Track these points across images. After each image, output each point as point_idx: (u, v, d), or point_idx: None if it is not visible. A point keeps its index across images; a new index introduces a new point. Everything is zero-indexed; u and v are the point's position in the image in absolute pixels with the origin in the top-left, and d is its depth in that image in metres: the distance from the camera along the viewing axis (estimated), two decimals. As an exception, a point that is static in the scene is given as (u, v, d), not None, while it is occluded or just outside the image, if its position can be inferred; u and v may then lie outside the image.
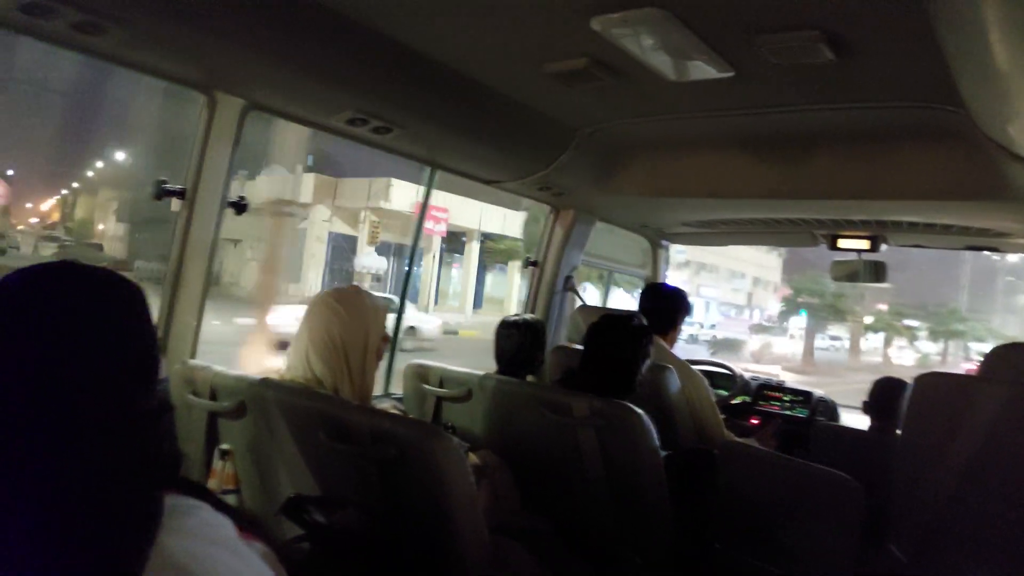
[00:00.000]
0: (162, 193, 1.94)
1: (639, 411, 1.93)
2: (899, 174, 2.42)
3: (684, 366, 2.69)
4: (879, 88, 1.94)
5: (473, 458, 2.13)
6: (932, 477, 1.96)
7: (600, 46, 1.75)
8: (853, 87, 1.95)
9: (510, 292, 23.60)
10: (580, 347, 2.36)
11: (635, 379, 2.20)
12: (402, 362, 2.69)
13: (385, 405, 2.14)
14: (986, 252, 3.82)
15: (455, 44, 1.91)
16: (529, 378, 2.56)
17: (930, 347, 40.16)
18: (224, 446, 1.79)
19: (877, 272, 3.69)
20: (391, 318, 2.83)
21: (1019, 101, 1.55)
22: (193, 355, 2.00)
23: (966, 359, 43.74)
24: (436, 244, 21.35)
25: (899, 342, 35.55)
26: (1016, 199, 2.27)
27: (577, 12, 1.61)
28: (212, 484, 1.75)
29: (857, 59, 1.72)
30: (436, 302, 22.11)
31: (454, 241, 23.16)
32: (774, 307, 36.58)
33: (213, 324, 2.34)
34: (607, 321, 2.27)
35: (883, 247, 3.42)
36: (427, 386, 2.46)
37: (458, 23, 1.78)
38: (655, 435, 1.93)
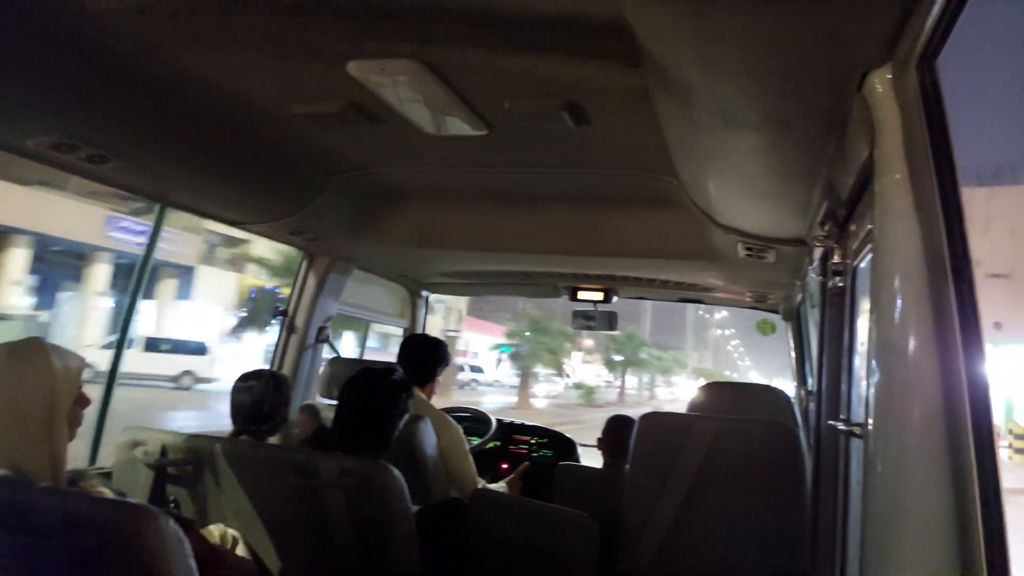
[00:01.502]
0: None
1: (392, 469, 1.87)
2: (627, 235, 2.71)
3: (440, 417, 2.69)
4: (611, 156, 2.17)
5: (213, 534, 1.89)
6: (658, 507, 2.16)
7: (357, 92, 1.72)
8: (590, 154, 2.15)
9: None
10: (333, 403, 2.24)
11: (392, 436, 2.13)
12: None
13: (89, 483, 1.81)
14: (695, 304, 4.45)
15: (195, 73, 1.74)
16: (272, 439, 2.37)
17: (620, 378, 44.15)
18: None
19: (610, 321, 4.11)
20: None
21: (719, 177, 1.82)
22: None
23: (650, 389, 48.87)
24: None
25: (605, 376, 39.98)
26: (718, 259, 2.67)
27: (333, 55, 1.56)
28: None
29: (593, 129, 1.89)
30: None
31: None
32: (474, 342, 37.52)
33: None
34: (364, 375, 2.19)
35: (615, 299, 3.81)
36: (144, 456, 2.14)
37: (199, 51, 1.63)
38: (407, 493, 1.88)
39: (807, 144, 1.48)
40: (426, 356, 2.87)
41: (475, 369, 35.12)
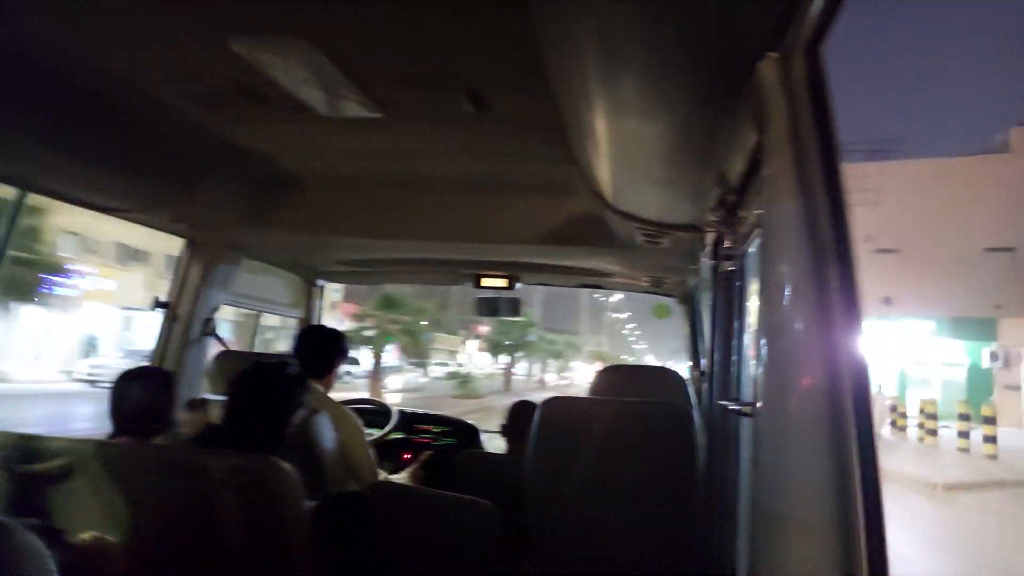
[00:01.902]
0: None
1: (285, 466, 1.78)
2: (529, 221, 2.72)
3: (338, 409, 2.61)
4: (511, 142, 2.15)
5: (88, 543, 1.74)
6: (560, 490, 2.18)
7: (242, 71, 1.61)
8: (490, 139, 2.12)
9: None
10: (222, 398, 2.11)
11: (286, 431, 2.04)
12: None
13: None
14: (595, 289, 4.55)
15: (59, 44, 1.57)
16: (159, 439, 2.21)
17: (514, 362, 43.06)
18: None
19: (514, 307, 4.13)
20: None
21: (616, 163, 1.84)
22: None
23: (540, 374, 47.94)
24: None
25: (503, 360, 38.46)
26: (617, 245, 2.72)
27: (215, 30, 1.45)
28: None
29: (493, 114, 1.87)
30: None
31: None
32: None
33: None
34: (256, 369, 2.07)
35: (518, 285, 3.82)
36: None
37: (62, 19, 1.47)
38: (300, 489, 1.80)
39: (700, 131, 1.51)
40: (323, 348, 2.77)
41: (351, 361, 33.88)
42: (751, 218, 1.53)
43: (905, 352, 28.11)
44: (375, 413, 3.65)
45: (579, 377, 50.76)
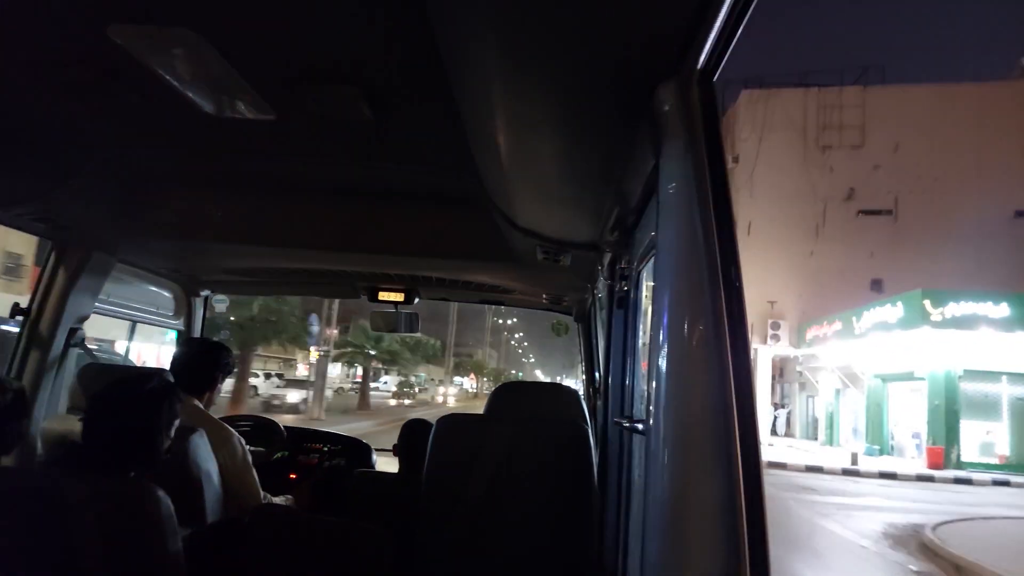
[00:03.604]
0: None
1: (155, 490, 1.64)
2: (428, 234, 2.67)
3: (218, 427, 2.45)
4: (412, 152, 2.11)
5: None
6: (455, 510, 2.14)
7: (119, 60, 1.48)
8: (389, 148, 2.07)
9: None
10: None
11: (157, 451, 1.88)
12: None
13: None
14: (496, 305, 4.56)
15: None
16: (6, 460, 1.98)
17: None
18: None
19: (411, 323, 4.05)
20: None
21: (516, 179, 1.84)
22: None
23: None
24: None
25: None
26: (518, 261, 2.72)
27: (90, 13, 1.33)
28: None
29: (393, 122, 1.82)
30: None
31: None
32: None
33: None
34: (119, 384, 1.90)
35: (417, 300, 3.76)
36: None
37: None
38: (172, 516, 1.66)
39: (600, 151, 1.54)
40: (203, 362, 2.60)
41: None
42: (646, 239, 1.56)
43: (951, 355, 19.21)
44: (261, 430, 3.47)
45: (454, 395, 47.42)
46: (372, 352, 31.34)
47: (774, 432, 29.53)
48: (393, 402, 37.05)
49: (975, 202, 24.61)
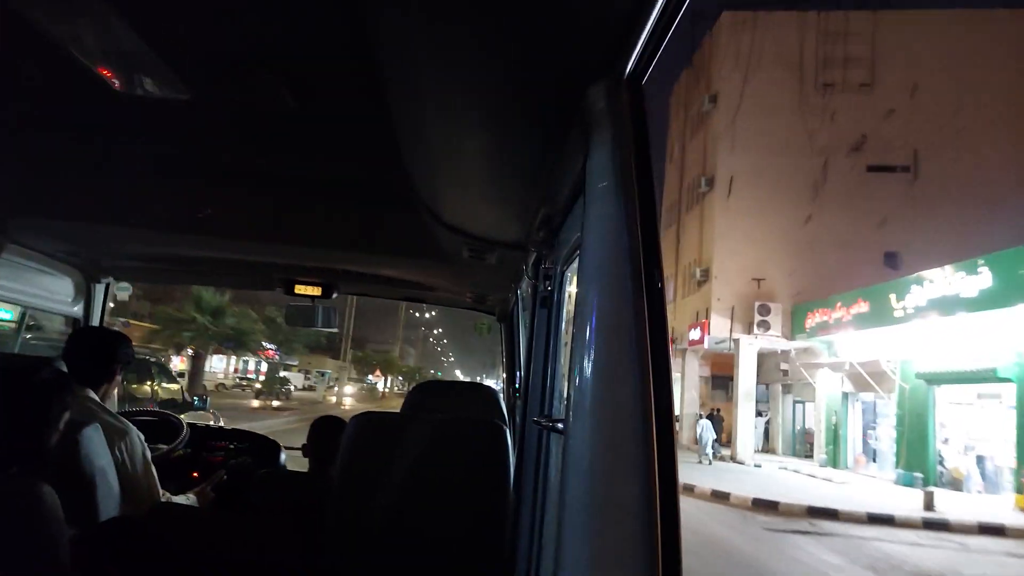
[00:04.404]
0: None
1: (41, 486, 1.52)
2: (350, 227, 2.60)
3: (115, 421, 2.31)
4: (336, 142, 2.03)
5: None
6: (367, 511, 2.09)
7: (12, 23, 1.36)
8: (313, 138, 1.99)
9: None
10: None
11: (43, 445, 1.74)
12: None
13: None
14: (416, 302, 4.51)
15: None
16: None
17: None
18: None
19: (329, 318, 3.94)
20: None
21: (444, 174, 1.82)
22: None
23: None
24: None
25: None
26: (443, 259, 2.69)
27: None
28: None
29: (318, 111, 1.75)
30: None
31: None
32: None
33: None
34: (2, 373, 1.76)
35: (335, 295, 3.65)
36: None
37: None
38: (59, 514, 1.55)
39: (528, 150, 1.54)
40: (100, 352, 2.45)
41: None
42: (572, 239, 1.57)
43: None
44: (162, 426, 3.29)
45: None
46: (210, 328, 23.90)
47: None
48: (256, 403, 28.57)
49: (1010, 156, 19.20)
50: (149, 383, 15.50)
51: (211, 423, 3.66)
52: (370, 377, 50.62)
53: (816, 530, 11.07)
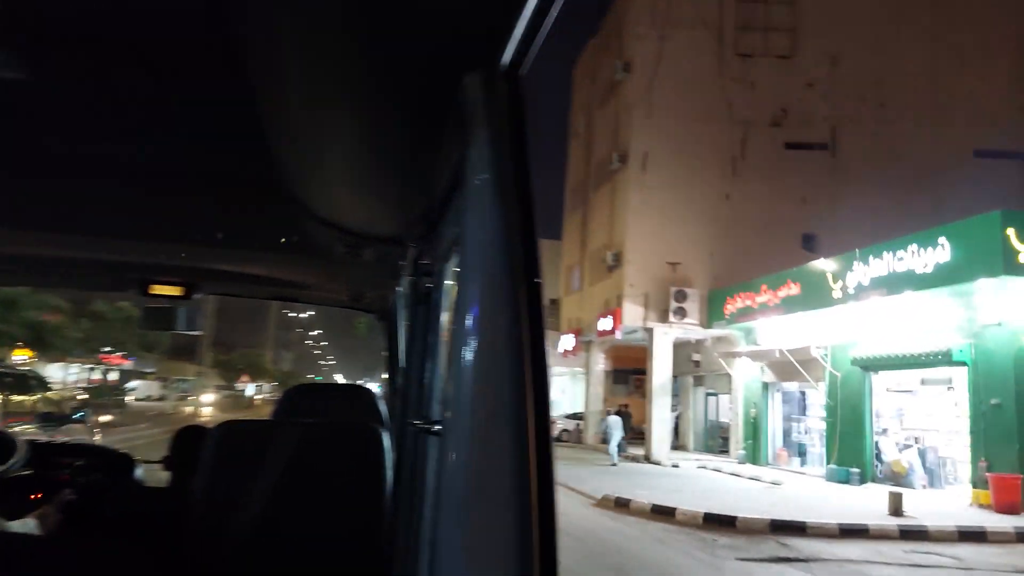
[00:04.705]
0: None
1: None
2: (212, 222, 2.41)
3: None
4: (196, 128, 1.85)
5: None
6: (233, 528, 1.95)
7: None
8: (168, 121, 1.81)
9: None
10: None
11: None
12: None
13: None
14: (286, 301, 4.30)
15: None
16: None
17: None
18: None
19: (191, 321, 3.66)
20: None
21: (315, 164, 1.72)
22: None
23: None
24: None
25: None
26: (315, 255, 2.56)
27: None
28: None
29: (175, 92, 1.60)
30: None
31: None
32: None
33: None
34: None
35: (198, 295, 3.39)
36: None
37: None
38: None
39: (405, 141, 1.49)
40: None
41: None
42: (451, 234, 1.54)
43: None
44: None
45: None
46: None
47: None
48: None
49: (929, 136, 19.02)
50: (28, 396, 14.07)
51: (84, 439, 3.30)
52: (239, 383, 46.77)
53: (794, 554, 9.44)
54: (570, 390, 33.89)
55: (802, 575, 8.56)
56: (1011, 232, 11.51)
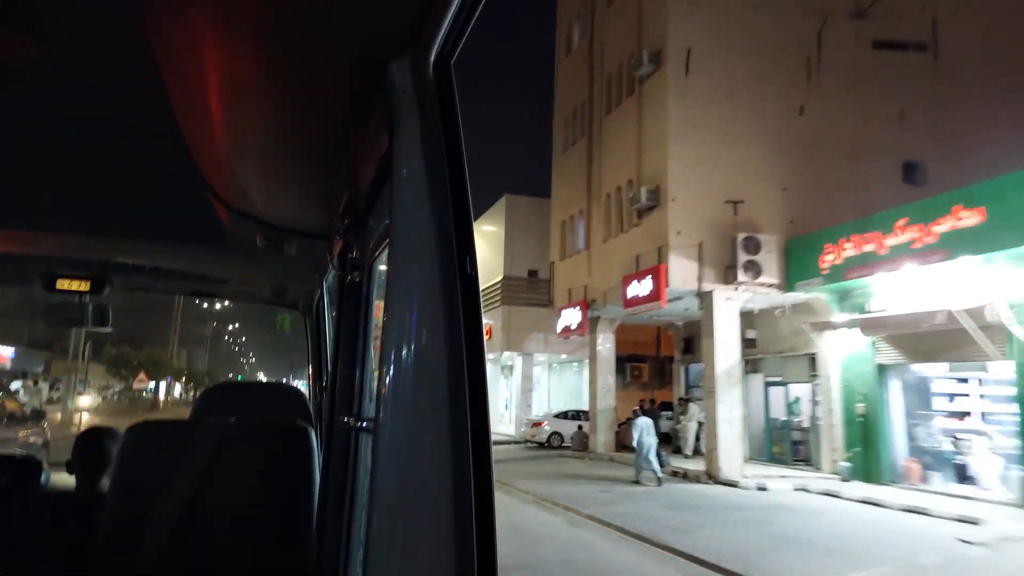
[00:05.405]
0: None
1: None
2: (123, 213, 2.27)
3: None
4: (99, 110, 1.70)
5: None
6: (145, 534, 1.86)
7: None
8: (67, 102, 1.65)
9: None
10: None
11: None
12: None
13: None
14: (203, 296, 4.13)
15: None
16: None
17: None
18: None
19: (101, 317, 3.46)
20: None
21: (232, 153, 1.64)
22: None
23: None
24: None
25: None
26: (234, 249, 2.45)
27: None
28: None
29: (74, 70, 1.48)
30: None
31: None
32: None
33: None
34: None
35: (107, 290, 3.21)
36: None
37: None
38: None
39: (329, 128, 1.44)
40: None
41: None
42: (381, 227, 1.50)
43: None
44: None
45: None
46: None
47: (677, 451, 18.03)
48: None
49: None
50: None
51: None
52: (137, 383, 41.09)
53: None
54: (556, 381, 29.74)
55: None
56: None
